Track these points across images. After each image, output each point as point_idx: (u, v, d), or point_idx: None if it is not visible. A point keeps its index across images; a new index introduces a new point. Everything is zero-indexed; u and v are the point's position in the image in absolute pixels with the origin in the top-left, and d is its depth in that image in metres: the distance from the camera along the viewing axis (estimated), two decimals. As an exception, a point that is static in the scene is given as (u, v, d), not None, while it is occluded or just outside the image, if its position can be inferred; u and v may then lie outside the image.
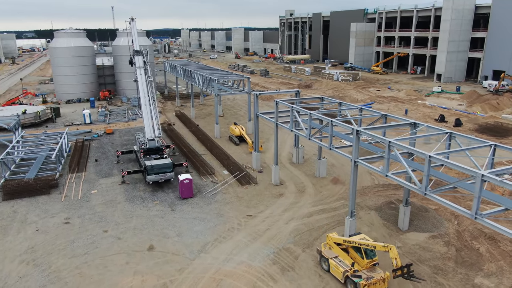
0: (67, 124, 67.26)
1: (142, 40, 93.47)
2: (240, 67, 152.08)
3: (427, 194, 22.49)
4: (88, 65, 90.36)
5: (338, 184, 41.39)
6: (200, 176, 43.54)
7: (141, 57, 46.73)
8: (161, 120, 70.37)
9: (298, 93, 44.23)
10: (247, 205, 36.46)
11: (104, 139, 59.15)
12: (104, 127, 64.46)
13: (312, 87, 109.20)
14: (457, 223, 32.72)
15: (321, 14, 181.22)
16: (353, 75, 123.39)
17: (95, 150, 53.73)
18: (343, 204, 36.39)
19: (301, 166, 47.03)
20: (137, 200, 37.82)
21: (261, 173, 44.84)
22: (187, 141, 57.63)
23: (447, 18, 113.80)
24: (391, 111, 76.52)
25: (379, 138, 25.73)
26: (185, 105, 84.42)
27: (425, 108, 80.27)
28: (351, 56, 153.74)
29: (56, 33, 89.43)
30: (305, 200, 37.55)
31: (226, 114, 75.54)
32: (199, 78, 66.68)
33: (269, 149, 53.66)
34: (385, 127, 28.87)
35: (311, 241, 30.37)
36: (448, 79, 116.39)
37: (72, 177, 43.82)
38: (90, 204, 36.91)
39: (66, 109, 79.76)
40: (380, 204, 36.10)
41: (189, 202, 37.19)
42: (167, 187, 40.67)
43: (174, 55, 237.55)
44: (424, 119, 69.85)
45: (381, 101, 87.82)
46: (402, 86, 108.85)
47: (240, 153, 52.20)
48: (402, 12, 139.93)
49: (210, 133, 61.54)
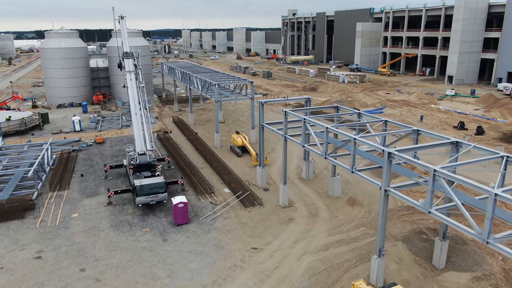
0: (55, 132, 62.06)
1: (139, 41, 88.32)
2: (241, 68, 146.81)
3: (490, 243, 17.22)
4: (81, 67, 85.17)
5: (355, 206, 36.10)
6: (197, 196, 38.28)
7: (131, 60, 41.46)
8: (157, 127, 65.28)
9: (309, 101, 38.90)
10: (252, 234, 31.20)
11: (94, 149, 53.94)
12: (95, 135, 59.25)
13: (318, 90, 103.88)
14: (502, 258, 27.42)
15: (325, 13, 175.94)
16: (360, 77, 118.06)
17: (82, 162, 48.51)
18: (364, 233, 31.11)
19: (312, 182, 41.75)
20: (124, 226, 32.59)
21: (267, 191, 39.58)
22: (184, 151, 52.40)
23: (459, 18, 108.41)
24: (404, 117, 71.22)
25: (421, 165, 20.45)
26: (183, 110, 79.20)
27: (440, 113, 74.88)
28: (356, 57, 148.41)
29: (46, 33, 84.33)
30: (318, 227, 32.27)
31: (228, 120, 70.30)
32: (198, 81, 61.46)
33: (275, 161, 48.42)
34: (422, 147, 23.56)
35: (330, 284, 25.09)
36: (460, 81, 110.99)
37: (53, 196, 38.59)
38: (69, 232, 31.67)
39: (57, 115, 74.58)
40: (408, 233, 30.79)
41: (184, 229, 31.95)
42: (159, 210, 35.43)
43: (174, 56, 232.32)
44: (441, 126, 64.53)
45: (392, 105, 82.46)
46: (412, 89, 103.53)
47: (243, 166, 46.95)
48: (410, 12, 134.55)
49: (209, 142, 56.32)
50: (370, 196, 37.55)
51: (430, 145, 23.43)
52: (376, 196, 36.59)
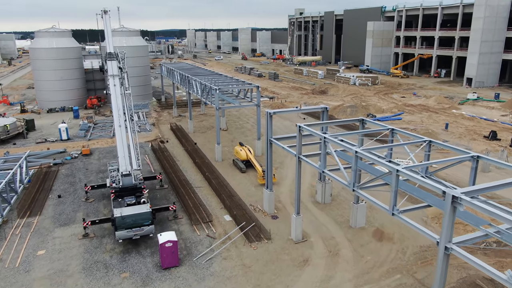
0: (39, 141, 55.93)
1: (136, 40, 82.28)
2: (247, 69, 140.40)
3: None
4: (74, 68, 79.10)
5: (384, 241, 29.50)
6: (192, 225, 31.84)
7: (115, 62, 35.07)
8: (153, 136, 59.03)
9: (326, 112, 32.38)
10: (258, 283, 24.69)
11: (78, 162, 47.72)
12: (82, 146, 53.00)
13: (328, 93, 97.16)
14: None
15: (334, 12, 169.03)
16: (372, 79, 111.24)
17: (62, 179, 42.25)
18: (400, 283, 24.49)
19: (329, 207, 35.19)
20: (99, 270, 26.19)
21: (276, 219, 33.07)
22: (181, 165, 46.06)
23: (480, 16, 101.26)
24: (426, 124, 64.42)
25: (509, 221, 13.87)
26: (183, 115, 72.88)
27: (465, 120, 67.93)
28: (367, 58, 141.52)
29: (36, 32, 78.35)
30: (341, 272, 25.71)
31: (231, 128, 63.87)
32: (197, 85, 55.05)
33: (284, 178, 41.92)
34: (501, 186, 16.86)
35: None
36: (479, 84, 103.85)
37: (20, 224, 32.33)
38: (28, 279, 25.34)
39: (46, 120, 68.54)
40: (456, 285, 24.12)
41: (172, 275, 25.52)
42: (144, 245, 29.03)
43: (177, 56, 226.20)
44: (469, 135, 57.66)
45: (410, 110, 75.62)
46: (429, 92, 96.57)
47: (247, 185, 40.47)
48: (424, 10, 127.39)
49: (210, 153, 49.98)
50: (401, 228, 30.92)
51: (508, 182, 16.78)
52: (410, 228, 30.01)
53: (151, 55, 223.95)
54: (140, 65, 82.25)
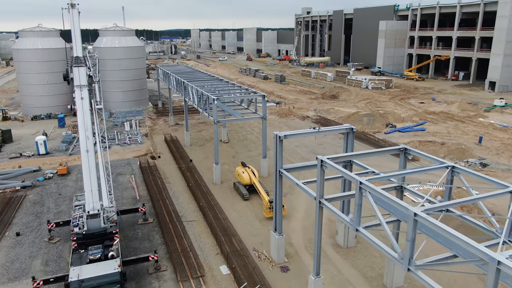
0: (13, 156, 48.84)
1: (130, 41, 75.14)
2: (251, 71, 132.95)
3: None
4: (62, 71, 71.77)
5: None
6: (177, 282, 24.47)
7: (84, 69, 27.66)
8: (144, 150, 51.78)
9: (352, 133, 24.94)
10: None
11: (52, 184, 40.52)
12: (60, 162, 45.81)
13: (339, 98, 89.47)
14: None
15: (343, 11, 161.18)
16: (386, 82, 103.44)
17: (27, 208, 35.07)
18: None
19: (353, 253, 27.72)
20: None
21: (286, 271, 25.68)
22: (172, 190, 38.76)
23: (505, 14, 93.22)
24: (453, 136, 56.72)
25: None
26: (180, 124, 65.62)
27: (497, 131, 60.04)
28: (379, 59, 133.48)
29: (20, 32, 71.44)
30: None
31: (233, 139, 56.51)
32: (194, 93, 47.69)
33: (296, 208, 34.47)
34: None
35: None
36: (503, 88, 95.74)
37: (-42, 277, 25.19)
38: None
39: (27, 130, 61.48)
40: None
41: None
42: (112, 316, 21.74)
43: (180, 56, 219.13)
44: (508, 151, 49.85)
45: (432, 119, 67.82)
46: (449, 97, 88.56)
47: (250, 219, 33.05)
48: (441, 8, 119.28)
49: (207, 173, 42.68)
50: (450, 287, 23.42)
51: None
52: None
53: (153, 56, 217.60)
54: (134, 68, 75.20)
